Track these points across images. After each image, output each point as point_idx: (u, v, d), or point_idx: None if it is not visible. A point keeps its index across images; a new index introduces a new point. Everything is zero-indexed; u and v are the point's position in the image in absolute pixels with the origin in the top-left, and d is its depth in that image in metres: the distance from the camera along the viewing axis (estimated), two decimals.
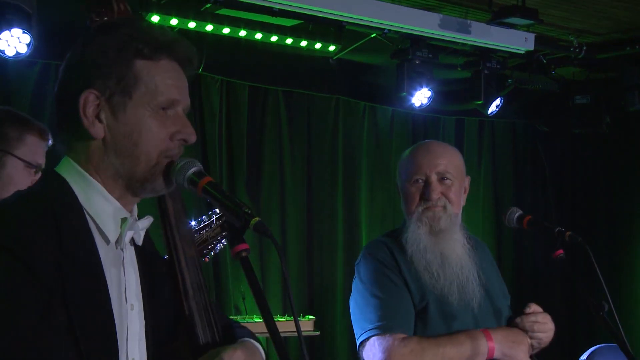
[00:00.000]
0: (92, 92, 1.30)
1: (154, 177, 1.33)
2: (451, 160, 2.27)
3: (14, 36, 3.43)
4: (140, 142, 1.31)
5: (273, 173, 4.67)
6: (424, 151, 2.29)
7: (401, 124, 5.28)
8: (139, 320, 1.37)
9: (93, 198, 1.31)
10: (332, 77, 4.90)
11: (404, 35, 4.40)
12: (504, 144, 5.77)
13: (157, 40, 1.34)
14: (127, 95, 1.31)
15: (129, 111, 1.31)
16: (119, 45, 1.32)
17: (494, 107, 4.89)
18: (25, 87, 3.81)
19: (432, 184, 2.22)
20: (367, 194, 5.06)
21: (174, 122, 1.34)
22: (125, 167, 1.32)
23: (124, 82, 1.31)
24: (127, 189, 1.34)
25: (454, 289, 2.15)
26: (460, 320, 2.15)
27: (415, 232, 2.20)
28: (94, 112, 1.31)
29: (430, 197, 2.20)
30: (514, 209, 2.30)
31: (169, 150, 1.33)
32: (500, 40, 4.53)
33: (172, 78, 1.35)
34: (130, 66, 1.32)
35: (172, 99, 1.34)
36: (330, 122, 4.94)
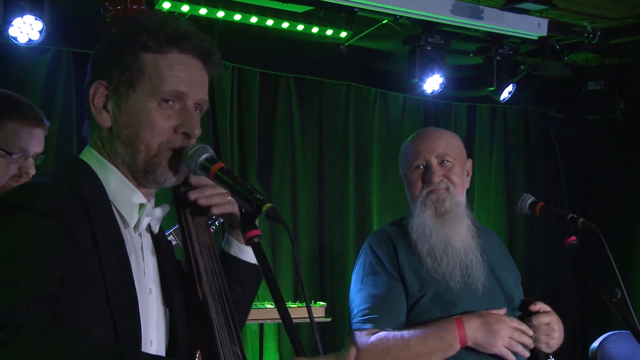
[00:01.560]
0: (101, 83, 1.36)
1: (154, 168, 1.34)
2: (449, 142, 2.29)
3: (26, 23, 3.44)
4: (141, 133, 1.34)
5: (284, 160, 4.68)
6: (421, 137, 2.31)
7: (413, 111, 5.26)
8: (156, 304, 1.39)
9: (112, 182, 1.35)
10: (344, 64, 4.88)
11: (415, 21, 4.37)
12: (516, 131, 5.73)
13: (166, 34, 1.35)
14: (131, 87, 1.34)
15: (132, 102, 1.34)
16: (127, 38, 1.36)
17: (506, 94, 4.87)
18: (38, 74, 3.82)
19: (433, 166, 2.23)
20: (378, 181, 5.05)
21: (178, 115, 1.35)
22: (128, 156, 1.35)
23: (128, 74, 1.34)
24: (134, 177, 1.37)
25: (456, 272, 2.15)
26: (463, 306, 2.13)
27: (420, 216, 2.20)
28: (101, 102, 1.35)
29: (432, 179, 2.21)
30: (526, 195, 2.29)
31: (170, 142, 1.34)
32: (513, 26, 4.50)
33: (181, 70, 1.36)
34: (136, 58, 1.35)
35: (177, 90, 1.35)
36: (342, 108, 4.93)
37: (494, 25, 4.44)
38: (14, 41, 3.47)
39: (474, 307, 2.14)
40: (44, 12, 3.47)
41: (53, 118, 3.84)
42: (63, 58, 3.88)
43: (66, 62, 3.89)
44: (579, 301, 5.62)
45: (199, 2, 3.98)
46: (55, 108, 3.86)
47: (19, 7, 3.40)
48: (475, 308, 2.14)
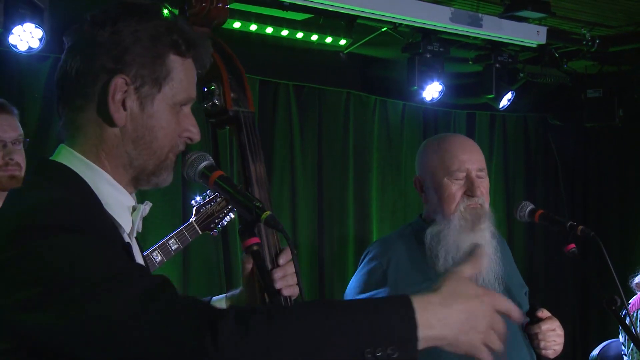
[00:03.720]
0: (123, 77, 1.25)
1: (160, 172, 1.32)
2: (482, 154, 2.27)
3: (26, 31, 3.45)
4: (160, 136, 1.29)
5: (284, 167, 4.68)
6: (461, 145, 2.24)
7: (412, 118, 5.27)
8: None
9: (102, 188, 1.27)
10: (343, 71, 4.89)
11: (415, 29, 4.38)
12: (516, 138, 5.74)
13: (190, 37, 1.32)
14: (157, 88, 1.28)
15: (156, 104, 1.28)
16: (155, 35, 1.27)
17: (506, 101, 4.87)
18: (37, 82, 3.83)
19: (476, 180, 2.17)
20: (377, 188, 5.05)
21: (185, 120, 1.34)
22: (140, 158, 1.29)
23: (156, 74, 1.27)
24: (134, 179, 1.32)
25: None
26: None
27: (456, 230, 2.13)
28: (121, 98, 1.26)
29: (475, 194, 2.16)
30: (526, 203, 2.29)
31: (176, 147, 1.33)
32: (512, 34, 4.51)
33: (191, 76, 1.35)
34: (165, 58, 1.28)
35: (192, 97, 1.34)
36: (341, 116, 4.93)
37: (493, 33, 4.45)
38: (13, 49, 3.48)
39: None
40: (44, 20, 3.47)
41: (53, 125, 3.85)
42: None
43: None
44: (578, 308, 5.61)
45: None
46: (55, 116, 3.85)
47: (20, 15, 3.40)
48: None
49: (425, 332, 1.10)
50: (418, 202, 5.20)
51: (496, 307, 1.16)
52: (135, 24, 1.27)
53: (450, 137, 2.34)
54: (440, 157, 2.21)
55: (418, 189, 2.26)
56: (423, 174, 2.24)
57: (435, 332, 1.11)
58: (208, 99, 1.49)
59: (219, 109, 1.51)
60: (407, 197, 5.11)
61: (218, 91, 1.50)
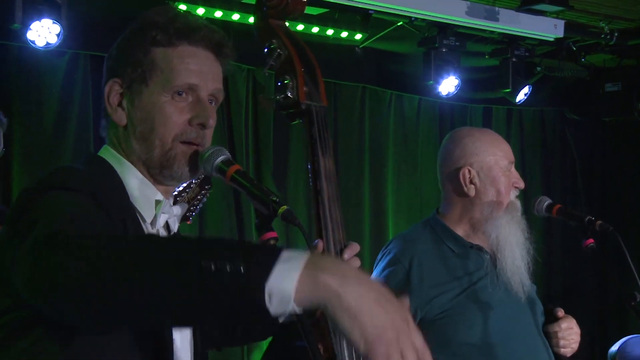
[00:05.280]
0: (116, 81, 1.36)
1: (170, 163, 1.34)
2: None
3: (44, 26, 3.47)
4: (155, 127, 1.33)
5: (299, 162, 4.68)
6: (499, 138, 2.21)
7: (428, 113, 5.24)
8: None
9: (130, 179, 1.34)
10: (359, 66, 4.88)
11: (431, 23, 4.36)
12: (533, 133, 5.69)
13: (175, 27, 1.36)
14: (143, 82, 1.34)
15: (145, 97, 1.34)
16: (137, 35, 1.37)
17: (523, 95, 4.84)
18: (55, 77, 3.85)
19: (517, 173, 2.17)
20: (393, 183, 5.04)
21: (192, 108, 1.35)
22: (143, 152, 1.35)
23: (140, 70, 1.34)
24: (150, 174, 1.36)
25: (506, 276, 2.09)
26: (500, 310, 2.09)
27: (509, 222, 2.10)
28: (117, 100, 1.36)
29: (521, 185, 2.16)
30: (543, 197, 2.27)
31: (184, 135, 1.34)
32: (529, 27, 4.47)
33: (192, 63, 1.36)
34: (147, 54, 1.35)
35: (189, 82, 1.35)
36: (357, 110, 4.92)
37: (509, 26, 4.41)
38: (31, 45, 3.50)
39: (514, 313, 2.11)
40: (62, 15, 3.49)
41: (70, 120, 3.88)
42: (80, 61, 3.91)
43: (83, 65, 3.92)
44: (597, 305, 5.57)
45: (214, 5, 4.00)
46: (72, 111, 3.89)
47: (37, 11, 3.43)
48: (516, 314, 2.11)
49: (290, 257, 0.95)
50: (434, 197, 5.19)
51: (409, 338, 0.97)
52: (125, 31, 1.39)
53: (484, 130, 2.29)
54: (495, 148, 2.17)
55: (464, 181, 2.14)
56: (478, 166, 2.15)
57: (313, 268, 0.94)
58: (281, 91, 1.49)
59: (292, 102, 1.51)
60: (423, 193, 5.09)
61: (292, 84, 1.50)
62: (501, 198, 2.14)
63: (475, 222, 2.17)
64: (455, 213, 2.20)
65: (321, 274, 0.95)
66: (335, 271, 0.96)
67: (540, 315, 2.19)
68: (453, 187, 2.19)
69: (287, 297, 0.93)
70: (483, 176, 2.14)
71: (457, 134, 2.25)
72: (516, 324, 2.11)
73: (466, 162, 2.16)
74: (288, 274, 0.94)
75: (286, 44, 1.54)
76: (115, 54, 1.39)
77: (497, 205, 2.13)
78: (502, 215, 2.13)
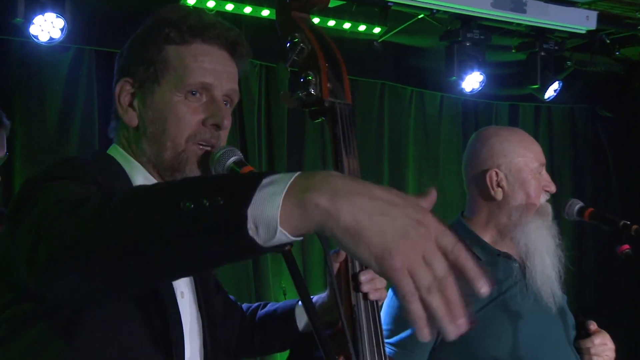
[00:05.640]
0: (127, 80, 1.38)
1: (182, 165, 1.35)
2: None
3: (47, 21, 3.50)
4: (167, 128, 1.34)
5: (315, 162, 4.68)
6: (529, 138, 2.20)
7: (451, 111, 5.23)
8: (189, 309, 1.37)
9: (138, 179, 1.36)
10: (377, 61, 4.87)
11: (454, 16, 4.34)
12: (563, 132, 5.66)
13: (189, 24, 1.37)
14: (155, 81, 1.36)
15: (157, 97, 1.35)
16: (149, 33, 1.38)
17: (552, 92, 4.81)
18: (59, 73, 3.88)
19: (548, 175, 2.15)
20: (414, 184, 5.03)
21: (206, 108, 1.36)
22: (154, 153, 1.36)
23: (153, 68, 1.36)
24: (161, 177, 1.38)
25: (536, 286, 2.08)
26: (530, 322, 2.07)
27: (539, 228, 2.09)
28: (128, 100, 1.38)
29: (552, 189, 2.14)
30: (574, 200, 2.26)
31: (198, 136, 1.35)
32: (559, 19, 4.44)
33: (206, 61, 1.37)
34: (160, 52, 1.36)
35: (202, 81, 1.36)
36: (375, 108, 4.92)
37: (538, 18, 4.39)
38: (34, 40, 3.53)
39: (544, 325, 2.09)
40: (66, 9, 3.52)
41: (74, 117, 3.91)
42: (85, 57, 3.94)
43: (88, 60, 3.94)
44: (633, 316, 5.51)
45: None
46: (76, 108, 3.92)
47: (40, 4, 3.45)
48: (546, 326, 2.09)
49: (272, 180, 0.88)
50: (457, 200, 5.17)
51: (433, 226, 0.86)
52: (138, 29, 1.41)
53: (514, 129, 2.26)
54: (525, 149, 2.15)
55: (491, 184, 2.12)
56: (506, 169, 2.13)
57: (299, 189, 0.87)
58: (304, 88, 1.49)
59: (315, 99, 1.51)
60: (446, 195, 5.07)
61: (315, 80, 1.50)
62: (530, 202, 2.12)
63: (503, 227, 2.15)
64: (482, 217, 2.18)
65: (308, 193, 0.87)
66: (324, 188, 0.87)
67: (571, 328, 2.17)
68: (479, 190, 2.17)
69: (273, 223, 0.86)
70: (511, 179, 2.13)
71: (484, 134, 2.23)
72: (546, 337, 2.09)
73: (493, 163, 2.14)
74: (271, 199, 0.87)
75: (310, 38, 1.54)
76: (126, 52, 1.40)
77: (526, 210, 2.12)
78: (532, 220, 2.11)
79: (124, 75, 1.39)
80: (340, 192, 0.86)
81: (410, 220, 0.86)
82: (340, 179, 0.89)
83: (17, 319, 1.18)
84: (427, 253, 0.84)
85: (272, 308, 1.65)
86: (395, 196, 0.88)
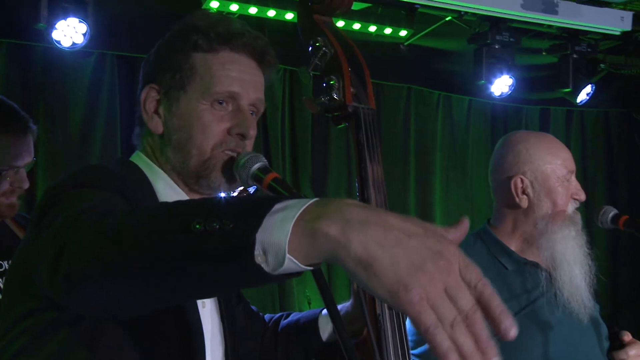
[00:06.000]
0: (153, 87, 1.39)
1: (208, 172, 1.36)
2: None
3: (70, 26, 3.54)
4: (193, 136, 1.35)
5: (339, 168, 4.68)
6: (558, 144, 2.16)
7: (479, 115, 5.20)
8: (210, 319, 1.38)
9: (161, 187, 1.37)
10: (404, 65, 4.86)
11: (482, 18, 4.32)
12: (596, 137, 5.60)
13: (217, 32, 1.38)
14: (182, 88, 1.37)
15: (183, 104, 1.36)
16: (176, 39, 1.39)
17: (584, 95, 4.76)
18: (81, 78, 3.93)
19: (578, 183, 2.11)
20: (441, 191, 5.00)
21: (232, 117, 1.37)
22: (179, 161, 1.37)
23: (179, 75, 1.37)
24: (185, 185, 1.39)
25: (565, 296, 2.06)
26: (561, 333, 2.04)
27: (566, 238, 2.05)
28: (153, 107, 1.39)
29: (581, 197, 2.10)
30: (608, 208, 2.22)
31: (224, 144, 1.36)
32: (592, 21, 4.40)
33: (233, 70, 1.38)
34: (187, 59, 1.37)
35: (229, 90, 1.37)
36: (402, 113, 4.90)
37: (570, 20, 4.35)
38: (57, 45, 3.57)
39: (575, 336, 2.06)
40: (88, 14, 3.56)
41: (97, 122, 3.94)
42: (107, 61, 3.98)
43: (110, 65, 3.98)
44: None
45: (248, 1, 4.03)
46: (99, 113, 3.96)
47: (63, 10, 3.50)
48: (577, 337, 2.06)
49: (286, 205, 0.86)
50: (485, 206, 5.14)
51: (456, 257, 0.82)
52: (165, 36, 1.41)
53: (544, 135, 2.21)
54: (553, 156, 2.11)
55: (516, 191, 2.10)
56: (532, 176, 2.10)
57: (311, 217, 0.84)
58: (326, 93, 1.49)
59: (338, 104, 1.50)
60: (474, 202, 5.04)
61: (338, 85, 1.50)
62: (557, 211, 2.08)
63: (529, 236, 2.12)
64: (508, 225, 2.16)
65: (318, 222, 0.84)
66: (337, 217, 0.84)
67: (604, 338, 2.14)
68: (504, 197, 2.14)
69: (282, 250, 0.84)
70: (537, 186, 2.10)
71: (511, 139, 2.21)
72: (578, 348, 2.07)
73: (519, 170, 2.11)
74: (281, 225, 0.85)
75: (332, 42, 1.53)
76: (153, 59, 1.41)
77: (552, 219, 2.08)
78: (558, 229, 2.07)
79: (150, 82, 1.40)
80: (352, 221, 0.84)
81: (430, 252, 0.81)
82: (356, 207, 0.86)
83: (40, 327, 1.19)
84: (449, 286, 0.80)
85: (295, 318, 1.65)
86: (414, 226, 0.84)
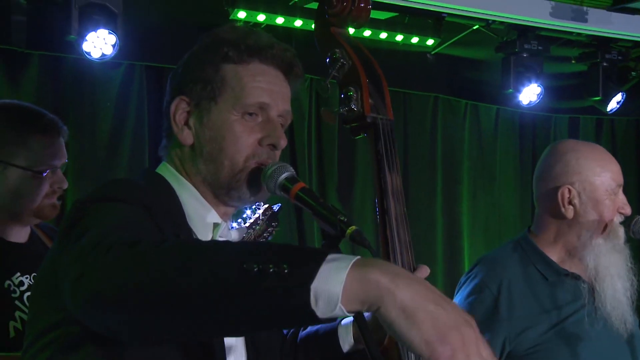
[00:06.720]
0: (183, 98, 1.40)
1: (239, 184, 1.37)
2: None
3: (100, 37, 3.61)
4: (225, 147, 1.36)
5: (366, 178, 4.68)
6: (608, 156, 2.16)
7: (507, 124, 5.17)
8: None
9: (188, 199, 1.38)
10: (431, 74, 4.87)
11: (510, 26, 4.32)
12: (626, 146, 5.54)
13: (247, 44, 1.39)
14: (213, 100, 1.38)
15: (214, 116, 1.38)
16: (207, 51, 1.41)
17: (615, 104, 4.72)
18: (110, 89, 3.99)
19: (624, 197, 2.11)
20: (469, 201, 4.98)
21: (263, 127, 1.38)
22: (210, 173, 1.38)
23: (210, 87, 1.38)
24: (215, 196, 1.40)
25: (606, 310, 2.02)
26: (599, 347, 2.02)
27: (610, 251, 2.03)
28: (183, 119, 1.40)
29: (627, 211, 2.08)
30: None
31: (256, 156, 1.37)
32: (623, 28, 4.37)
33: (263, 82, 1.39)
34: (218, 71, 1.38)
35: (260, 102, 1.38)
36: (429, 122, 4.90)
37: (600, 28, 4.32)
38: (87, 56, 3.64)
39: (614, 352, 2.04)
40: (118, 26, 3.62)
41: (125, 133, 4.00)
42: (136, 72, 4.04)
43: (139, 76, 4.04)
44: None
45: (275, 11, 4.07)
46: (127, 123, 4.02)
47: (93, 21, 3.56)
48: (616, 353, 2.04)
49: (337, 257, 0.96)
50: (513, 216, 5.10)
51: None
52: (195, 47, 1.43)
53: (595, 145, 2.19)
54: (602, 168, 2.10)
55: (562, 201, 2.07)
56: (580, 187, 2.08)
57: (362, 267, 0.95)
58: (345, 104, 1.51)
59: (356, 115, 1.53)
60: (502, 211, 5.01)
61: (356, 96, 1.52)
62: (603, 223, 2.06)
63: (571, 247, 2.10)
64: (549, 235, 2.13)
65: (371, 272, 0.95)
66: (386, 269, 0.96)
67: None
68: (549, 206, 2.12)
69: (335, 298, 0.94)
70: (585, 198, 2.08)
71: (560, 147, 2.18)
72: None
73: (567, 180, 2.09)
74: (336, 274, 0.94)
75: (350, 53, 1.55)
76: (182, 71, 1.43)
77: (597, 231, 2.06)
78: (602, 242, 2.05)
79: (180, 94, 1.41)
80: (401, 275, 0.96)
81: (462, 318, 0.95)
82: (400, 267, 1.01)
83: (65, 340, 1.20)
84: (472, 353, 0.93)
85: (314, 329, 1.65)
86: (448, 298, 0.97)
